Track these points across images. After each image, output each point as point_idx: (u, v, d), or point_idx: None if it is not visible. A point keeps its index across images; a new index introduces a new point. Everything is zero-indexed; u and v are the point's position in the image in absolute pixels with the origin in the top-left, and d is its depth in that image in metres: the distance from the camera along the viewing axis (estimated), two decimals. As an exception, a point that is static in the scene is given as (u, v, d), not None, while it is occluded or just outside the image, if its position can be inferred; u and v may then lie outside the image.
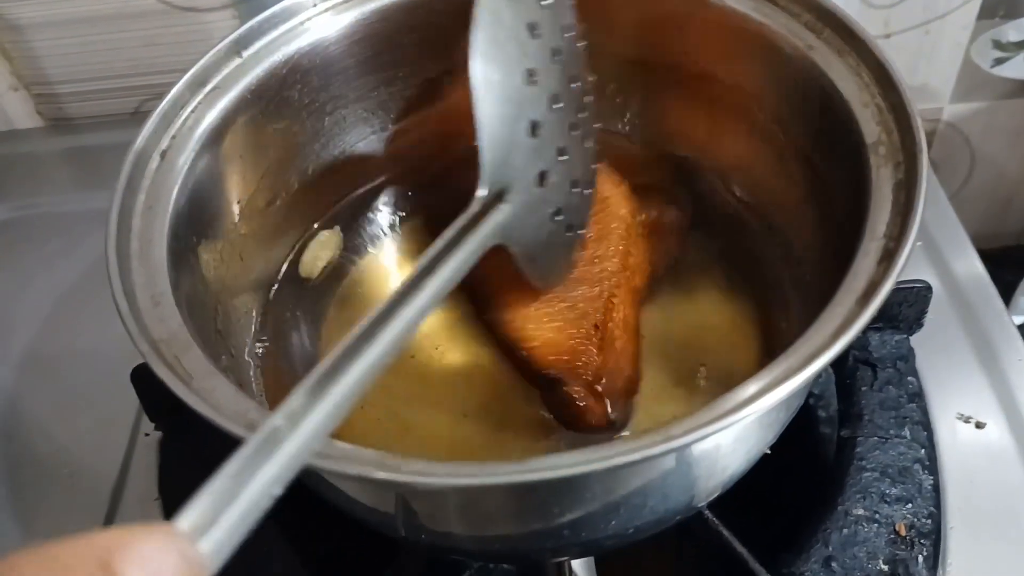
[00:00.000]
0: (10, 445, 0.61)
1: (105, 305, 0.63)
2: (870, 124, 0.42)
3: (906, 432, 0.53)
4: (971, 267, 0.64)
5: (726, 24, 0.50)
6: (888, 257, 0.36)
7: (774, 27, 0.48)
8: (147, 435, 0.60)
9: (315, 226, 0.57)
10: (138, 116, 0.83)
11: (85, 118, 0.84)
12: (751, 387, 0.33)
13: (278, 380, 0.50)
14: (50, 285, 0.71)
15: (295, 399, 0.29)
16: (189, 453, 0.58)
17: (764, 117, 0.51)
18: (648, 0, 0.53)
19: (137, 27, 0.77)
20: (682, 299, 0.53)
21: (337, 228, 0.57)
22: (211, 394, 0.36)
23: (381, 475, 0.32)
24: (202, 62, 0.49)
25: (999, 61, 0.81)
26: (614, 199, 0.51)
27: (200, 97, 0.48)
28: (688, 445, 0.31)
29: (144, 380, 0.57)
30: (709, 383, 0.49)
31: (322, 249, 0.56)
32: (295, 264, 0.56)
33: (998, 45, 0.79)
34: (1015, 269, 0.92)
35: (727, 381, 0.38)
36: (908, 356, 0.56)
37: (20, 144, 0.85)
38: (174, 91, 0.48)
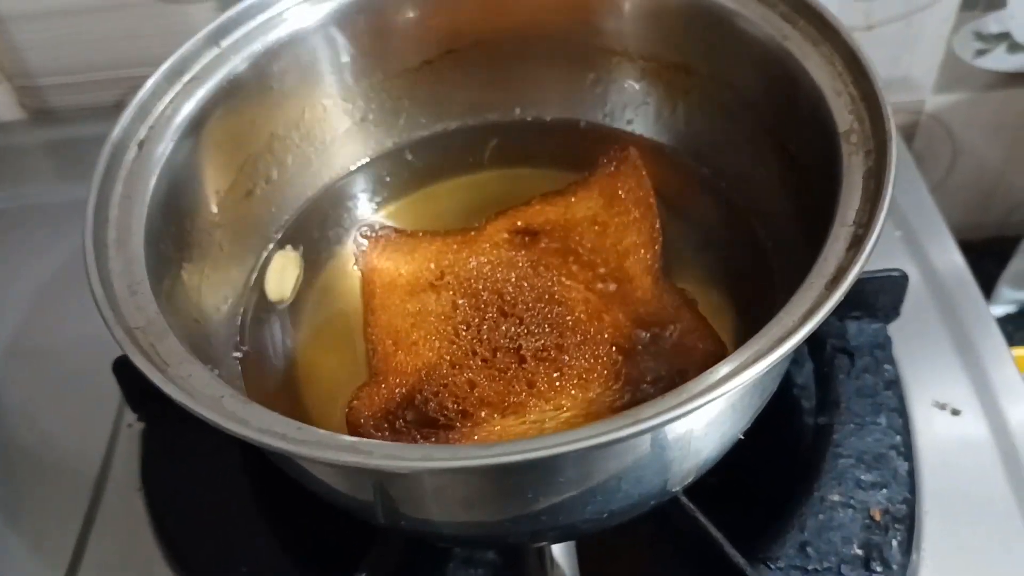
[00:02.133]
0: (-7, 435, 0.61)
1: (88, 296, 0.64)
2: (842, 113, 0.42)
3: (882, 419, 0.53)
4: (950, 257, 0.64)
5: (701, 13, 0.50)
6: (857, 243, 0.36)
7: (749, 16, 0.48)
8: (130, 426, 0.60)
9: (272, 244, 0.56)
10: (121, 108, 0.82)
11: (68, 110, 0.84)
12: (721, 370, 0.33)
13: (260, 386, 0.50)
14: (33, 276, 0.71)
15: None
16: (172, 443, 0.58)
17: (738, 105, 0.51)
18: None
19: (120, 19, 0.77)
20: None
21: (290, 248, 0.57)
22: (187, 381, 0.36)
23: (353, 460, 0.32)
24: (179, 52, 0.49)
25: (980, 53, 0.81)
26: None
27: (178, 87, 0.49)
28: (657, 427, 0.31)
29: (126, 371, 0.57)
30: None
31: (285, 269, 0.56)
32: (261, 283, 0.55)
33: (979, 37, 0.80)
34: (997, 259, 0.92)
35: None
36: (885, 344, 0.56)
37: (3, 136, 0.84)
38: (151, 81, 0.48)
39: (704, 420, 0.38)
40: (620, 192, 0.55)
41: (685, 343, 0.47)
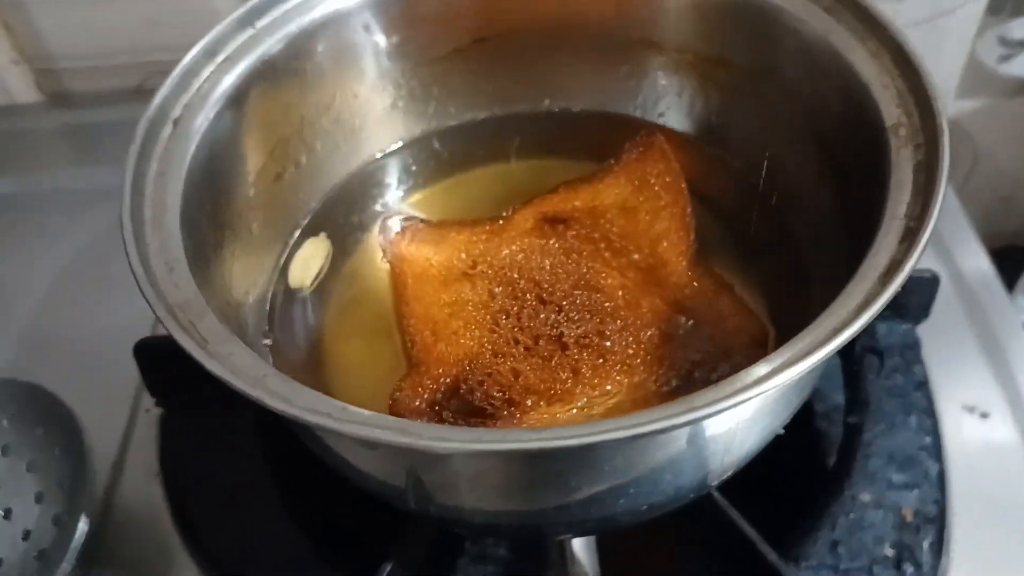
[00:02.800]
0: (10, 420, 0.60)
1: (105, 279, 0.63)
2: (890, 106, 0.42)
3: (912, 420, 0.53)
4: (977, 260, 0.64)
5: (743, 7, 0.50)
6: (910, 236, 0.36)
7: (792, 10, 0.48)
8: (148, 411, 0.60)
9: (299, 229, 0.56)
10: (140, 93, 0.82)
11: (85, 94, 0.83)
12: (775, 360, 0.33)
13: (288, 372, 0.49)
14: (50, 260, 0.70)
15: None
16: (191, 429, 0.58)
17: (777, 99, 0.51)
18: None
19: (141, 4, 0.76)
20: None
21: (323, 234, 0.56)
22: (228, 359, 0.35)
23: (402, 440, 0.31)
24: (214, 32, 0.49)
25: (1005, 58, 0.81)
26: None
27: (212, 67, 0.48)
28: (711, 415, 0.31)
29: (147, 355, 0.57)
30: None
31: (311, 258, 0.55)
32: (286, 270, 0.55)
33: (1004, 42, 0.80)
34: (1014, 267, 0.92)
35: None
36: (915, 345, 0.56)
37: (20, 119, 0.84)
38: (187, 59, 0.48)
39: (751, 412, 0.37)
40: (648, 177, 0.55)
41: (726, 326, 0.47)
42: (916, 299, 0.57)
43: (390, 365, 0.50)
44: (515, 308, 0.49)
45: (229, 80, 0.48)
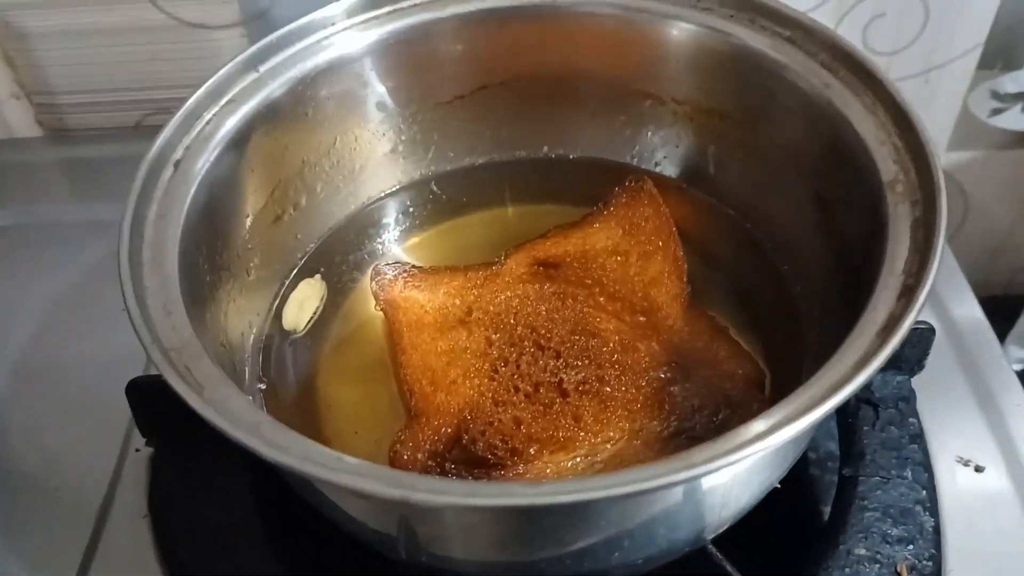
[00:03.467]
0: (-1, 452, 0.59)
1: (99, 315, 0.63)
2: (887, 162, 0.42)
3: (908, 473, 0.53)
4: (970, 311, 0.64)
5: (742, 61, 0.51)
6: (908, 292, 0.36)
7: (790, 64, 0.49)
8: (138, 450, 0.59)
9: (296, 271, 0.56)
10: (140, 130, 0.82)
11: (84, 129, 0.84)
12: (775, 416, 0.32)
13: (280, 416, 0.49)
14: (45, 294, 0.70)
15: None
16: (181, 470, 0.57)
17: (774, 151, 0.52)
18: (654, 33, 0.54)
19: (144, 41, 0.77)
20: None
21: (319, 276, 0.56)
22: (223, 405, 0.35)
23: (396, 493, 0.31)
24: (218, 75, 0.49)
25: (996, 112, 0.82)
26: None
27: (216, 110, 0.49)
28: (709, 472, 0.31)
29: (139, 394, 0.56)
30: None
31: (307, 300, 0.55)
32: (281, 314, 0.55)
33: (996, 96, 0.81)
34: (1003, 318, 0.93)
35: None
36: (910, 397, 0.56)
37: (19, 152, 0.84)
38: (190, 102, 0.48)
39: (748, 467, 0.37)
40: (638, 222, 0.56)
41: (724, 369, 0.47)
42: (912, 351, 0.56)
43: (385, 408, 0.50)
44: (513, 355, 0.49)
45: (232, 123, 0.48)
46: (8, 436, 0.60)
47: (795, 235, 0.51)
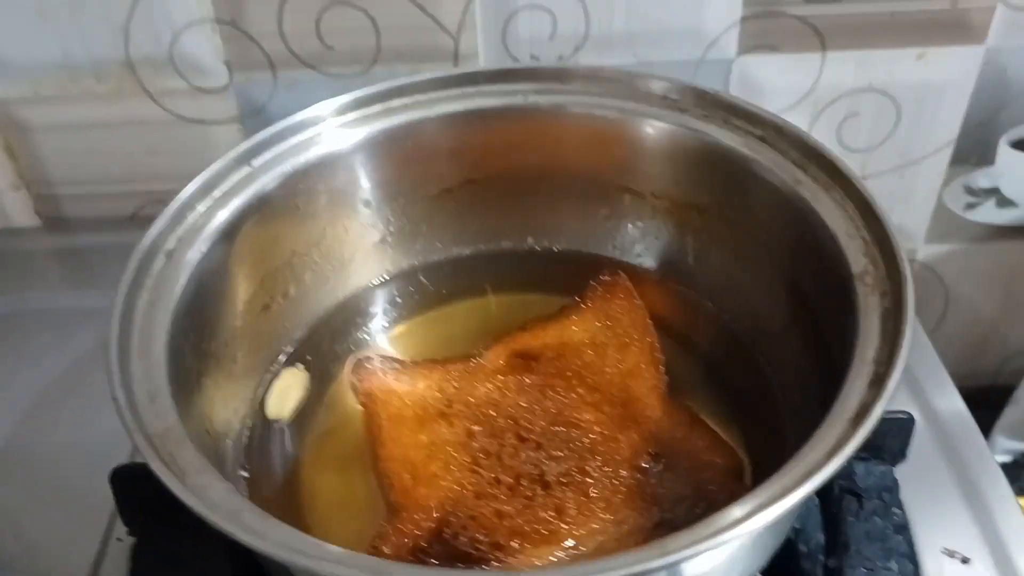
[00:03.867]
0: (-22, 540, 0.59)
1: (86, 403, 0.63)
2: (857, 255, 0.44)
3: (893, 564, 0.52)
4: (951, 402, 0.65)
5: (716, 157, 0.53)
6: (878, 381, 0.37)
7: (762, 161, 0.51)
8: (119, 540, 0.58)
9: (283, 358, 0.57)
10: (136, 220, 0.84)
11: (82, 219, 0.85)
12: (748, 504, 0.33)
13: (263, 504, 0.49)
14: (34, 380, 0.70)
15: None
16: (161, 560, 0.56)
17: (750, 244, 0.53)
18: (632, 132, 0.57)
19: (142, 135, 0.79)
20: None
21: (302, 366, 0.57)
22: (204, 492, 0.35)
23: (375, 581, 0.31)
24: (211, 169, 0.51)
25: (971, 206, 0.85)
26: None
27: (209, 202, 0.50)
28: (686, 559, 0.31)
29: (122, 481, 0.56)
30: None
31: (290, 388, 0.56)
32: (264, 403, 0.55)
33: (970, 191, 0.83)
34: (991, 408, 0.93)
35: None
36: (893, 487, 0.56)
37: (16, 241, 0.85)
38: (183, 194, 0.49)
39: (727, 555, 0.37)
40: (614, 315, 0.57)
41: (702, 459, 0.48)
42: (893, 440, 0.57)
43: (366, 499, 0.50)
44: (495, 447, 0.49)
45: (224, 215, 0.50)
46: (-9, 521, 0.60)
47: (772, 326, 0.52)
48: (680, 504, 0.46)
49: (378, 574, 0.31)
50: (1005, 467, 0.92)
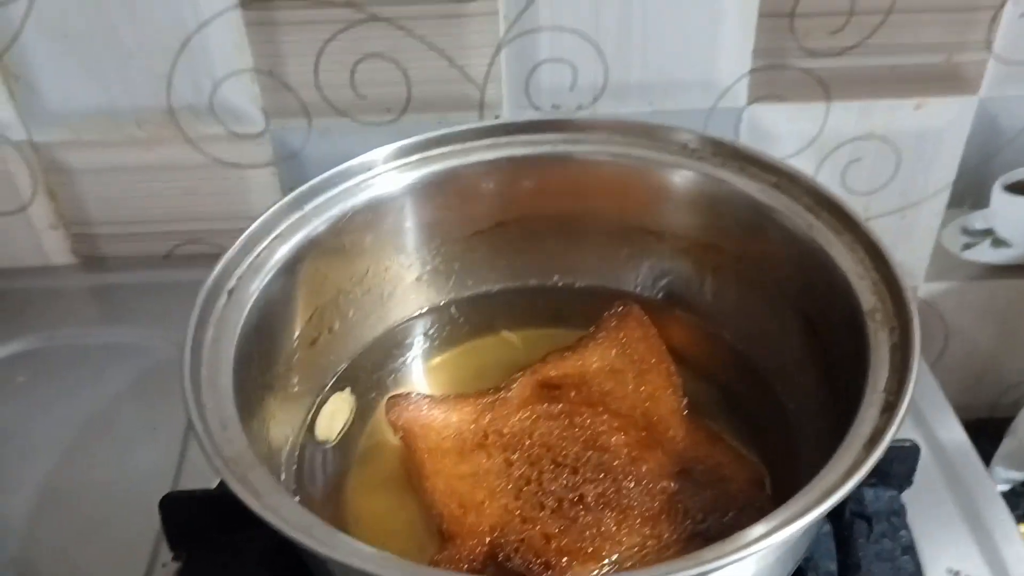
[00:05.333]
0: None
1: (122, 436, 0.65)
2: (866, 294, 0.48)
3: (902, 584, 0.55)
4: (953, 432, 0.68)
5: (735, 202, 0.57)
6: (890, 408, 0.41)
7: (777, 207, 0.55)
8: (164, 566, 0.61)
9: (328, 387, 0.60)
10: (170, 259, 0.86)
11: (118, 258, 0.87)
12: (773, 520, 0.36)
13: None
14: (71, 415, 0.72)
15: None
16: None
17: (766, 282, 0.57)
18: (654, 178, 0.61)
19: (180, 178, 0.82)
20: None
21: (349, 389, 0.61)
22: (278, 510, 0.39)
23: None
24: (268, 213, 0.55)
25: (967, 246, 0.88)
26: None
27: (265, 243, 0.54)
28: (716, 569, 0.34)
29: (170, 508, 0.59)
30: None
31: (337, 411, 0.59)
32: (314, 423, 0.59)
33: (966, 232, 0.87)
34: (990, 440, 0.96)
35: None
36: (900, 511, 0.59)
37: (52, 279, 0.87)
38: (243, 237, 0.53)
39: (750, 572, 0.41)
40: (630, 342, 0.60)
41: (726, 474, 0.52)
42: (900, 467, 0.60)
43: (409, 519, 0.53)
44: (534, 473, 0.52)
45: (280, 255, 0.53)
46: (37, 558, 0.62)
47: (787, 358, 0.56)
48: (711, 515, 0.49)
49: None
50: (1004, 496, 0.95)
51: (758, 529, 0.37)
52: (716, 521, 0.49)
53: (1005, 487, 0.96)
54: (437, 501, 0.52)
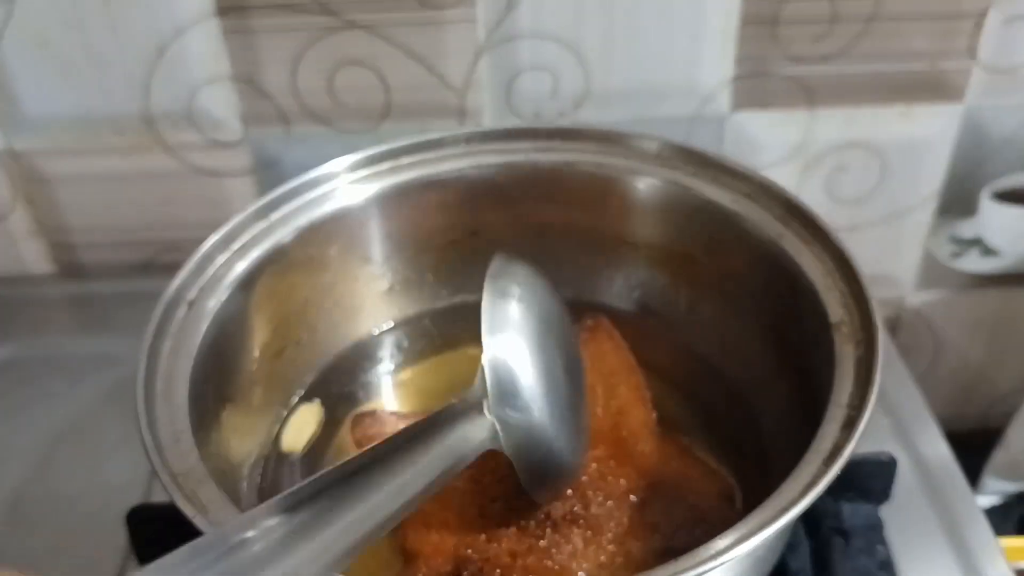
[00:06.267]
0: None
1: (97, 446, 0.64)
2: (835, 306, 0.47)
3: (879, 601, 0.55)
4: (936, 445, 0.67)
5: (705, 212, 0.56)
6: (850, 424, 0.40)
7: (748, 216, 0.54)
8: (130, 578, 0.60)
9: (295, 399, 0.59)
10: (149, 267, 0.86)
11: (97, 266, 0.87)
12: (728, 538, 0.36)
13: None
14: (47, 424, 0.71)
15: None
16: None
17: (738, 293, 0.56)
18: (626, 187, 0.60)
19: (158, 186, 0.82)
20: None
21: (318, 401, 0.60)
22: (223, 526, 0.38)
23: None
24: (232, 223, 0.54)
25: (956, 255, 0.88)
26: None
27: (228, 254, 0.53)
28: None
29: (138, 521, 0.59)
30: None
31: (305, 424, 0.58)
32: (279, 436, 0.58)
33: (954, 241, 0.86)
34: (980, 451, 0.95)
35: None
36: (877, 525, 0.58)
37: (30, 288, 0.87)
38: (205, 247, 0.53)
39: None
40: (599, 356, 0.59)
41: (696, 487, 0.51)
42: (877, 481, 0.59)
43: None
44: (500, 491, 0.51)
45: (242, 266, 0.53)
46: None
47: (760, 371, 0.55)
48: (680, 530, 0.48)
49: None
50: (996, 507, 0.94)
51: (720, 543, 0.36)
52: (686, 535, 0.48)
53: (996, 498, 0.95)
54: (403, 520, 0.51)
